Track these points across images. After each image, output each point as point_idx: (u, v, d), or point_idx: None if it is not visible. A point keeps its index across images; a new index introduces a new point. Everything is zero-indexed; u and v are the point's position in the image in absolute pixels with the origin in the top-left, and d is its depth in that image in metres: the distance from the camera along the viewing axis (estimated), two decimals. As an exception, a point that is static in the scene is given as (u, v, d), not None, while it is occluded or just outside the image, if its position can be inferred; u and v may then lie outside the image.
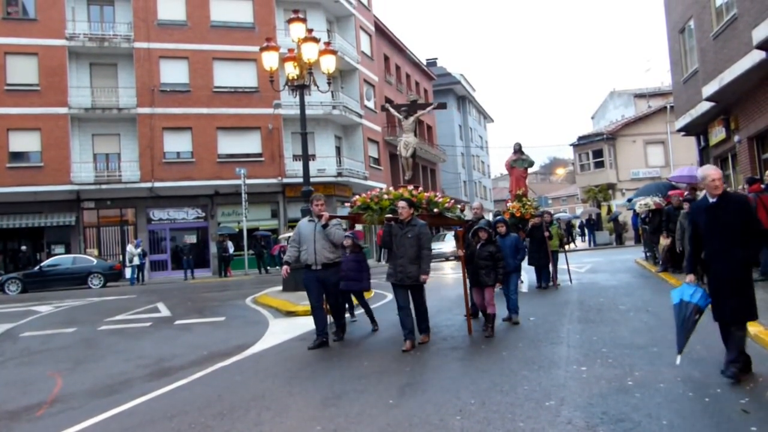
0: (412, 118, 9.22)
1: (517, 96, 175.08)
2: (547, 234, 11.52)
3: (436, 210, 7.35)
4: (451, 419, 4.18)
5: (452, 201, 7.92)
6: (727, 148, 14.90)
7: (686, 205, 9.96)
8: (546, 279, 11.64)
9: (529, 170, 13.63)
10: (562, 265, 12.59)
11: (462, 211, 8.47)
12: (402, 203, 6.72)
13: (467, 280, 7.39)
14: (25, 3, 24.04)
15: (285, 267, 7.34)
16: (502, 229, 8.05)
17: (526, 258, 11.50)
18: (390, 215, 6.94)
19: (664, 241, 12.24)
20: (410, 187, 7.69)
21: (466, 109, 50.86)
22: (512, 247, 7.95)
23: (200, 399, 5.13)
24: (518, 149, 13.06)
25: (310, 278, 7.11)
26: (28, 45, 23.25)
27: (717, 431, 3.69)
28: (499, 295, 7.67)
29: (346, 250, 7.57)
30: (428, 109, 9.68)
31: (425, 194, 7.45)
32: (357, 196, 7.68)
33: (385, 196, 7.31)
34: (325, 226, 7.00)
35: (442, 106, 11.68)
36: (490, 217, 12.98)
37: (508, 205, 12.84)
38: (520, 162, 13.02)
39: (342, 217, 8.06)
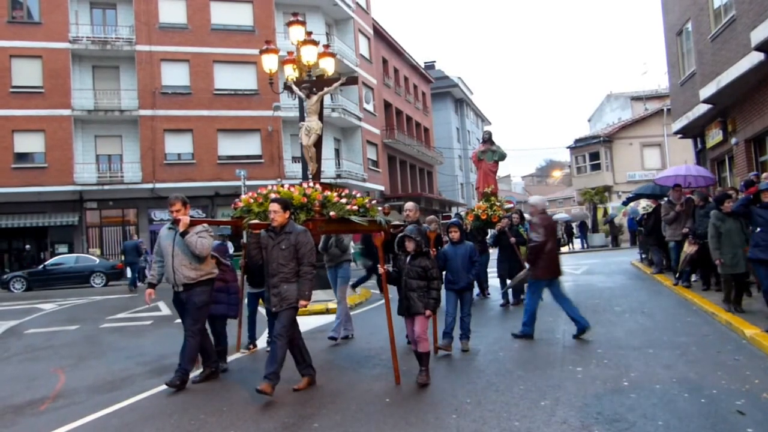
0: (315, 98, 7.68)
1: (514, 99, 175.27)
2: (513, 240, 9.57)
3: (332, 214, 5.67)
4: (447, 418, 4.23)
5: (373, 202, 6.47)
6: (724, 150, 14.90)
7: (727, 204, 7.48)
8: (515, 294, 9.59)
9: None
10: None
11: (386, 214, 7.07)
12: (274, 206, 5.04)
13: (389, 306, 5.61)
14: (29, 7, 24.13)
15: (148, 291, 5.66)
16: (454, 234, 6.48)
17: (496, 268, 10.05)
18: (256, 221, 5.48)
19: (688, 248, 9.88)
20: (306, 185, 6.11)
21: (463, 111, 50.94)
22: (466, 258, 6.38)
23: (200, 396, 5.20)
24: (488, 139, 11.38)
25: (176, 303, 5.70)
26: (33, 48, 23.36)
27: (712, 432, 3.70)
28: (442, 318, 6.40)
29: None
30: (335, 85, 7.95)
31: (320, 193, 5.82)
32: (242, 196, 6.20)
33: (273, 196, 5.72)
34: (184, 235, 5.40)
35: (353, 81, 9.41)
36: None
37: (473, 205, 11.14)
38: (489, 154, 11.29)
39: (221, 223, 6.71)
